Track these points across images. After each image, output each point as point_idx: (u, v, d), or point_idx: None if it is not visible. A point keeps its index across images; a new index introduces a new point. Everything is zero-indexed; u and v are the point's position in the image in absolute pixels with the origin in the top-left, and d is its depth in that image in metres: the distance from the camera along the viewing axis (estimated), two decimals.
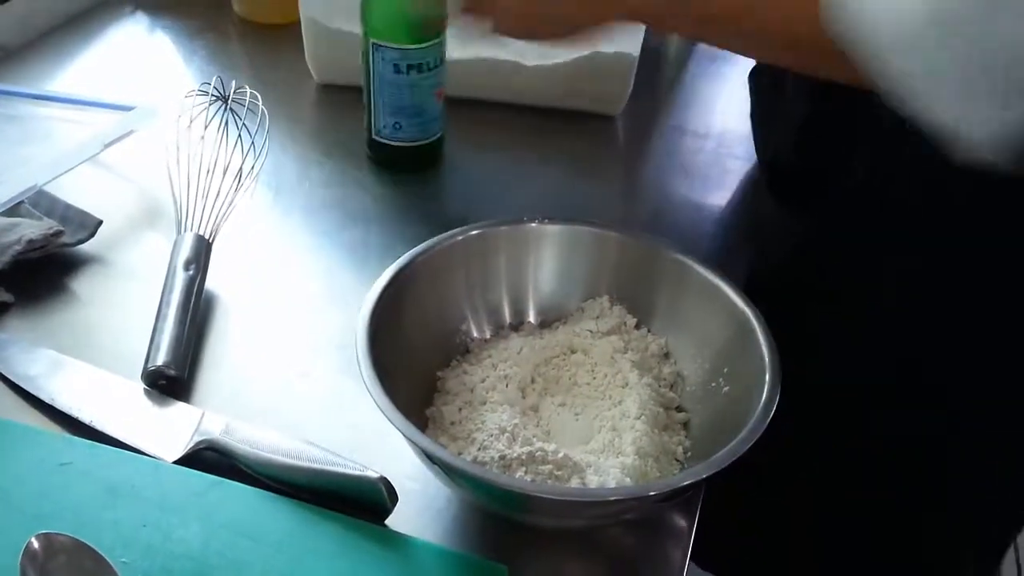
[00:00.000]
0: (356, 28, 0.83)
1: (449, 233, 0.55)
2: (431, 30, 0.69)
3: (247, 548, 0.45)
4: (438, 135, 0.75)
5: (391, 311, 0.51)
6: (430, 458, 0.45)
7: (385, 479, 0.47)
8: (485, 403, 0.52)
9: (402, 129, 0.72)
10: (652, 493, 0.45)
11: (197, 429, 0.51)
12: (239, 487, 0.48)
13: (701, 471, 0.44)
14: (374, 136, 0.74)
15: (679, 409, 0.54)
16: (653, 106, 0.90)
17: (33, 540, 0.41)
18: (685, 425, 0.53)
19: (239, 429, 0.50)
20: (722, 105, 0.93)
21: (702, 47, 0.98)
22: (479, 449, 0.49)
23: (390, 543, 0.46)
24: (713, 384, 0.53)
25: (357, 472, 0.47)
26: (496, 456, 0.48)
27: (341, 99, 0.85)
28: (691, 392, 0.54)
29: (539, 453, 0.48)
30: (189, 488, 0.48)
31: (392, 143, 0.74)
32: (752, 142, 0.78)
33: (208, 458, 0.50)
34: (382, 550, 0.46)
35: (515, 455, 0.48)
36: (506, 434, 0.49)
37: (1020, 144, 0.37)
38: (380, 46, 0.69)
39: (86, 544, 0.42)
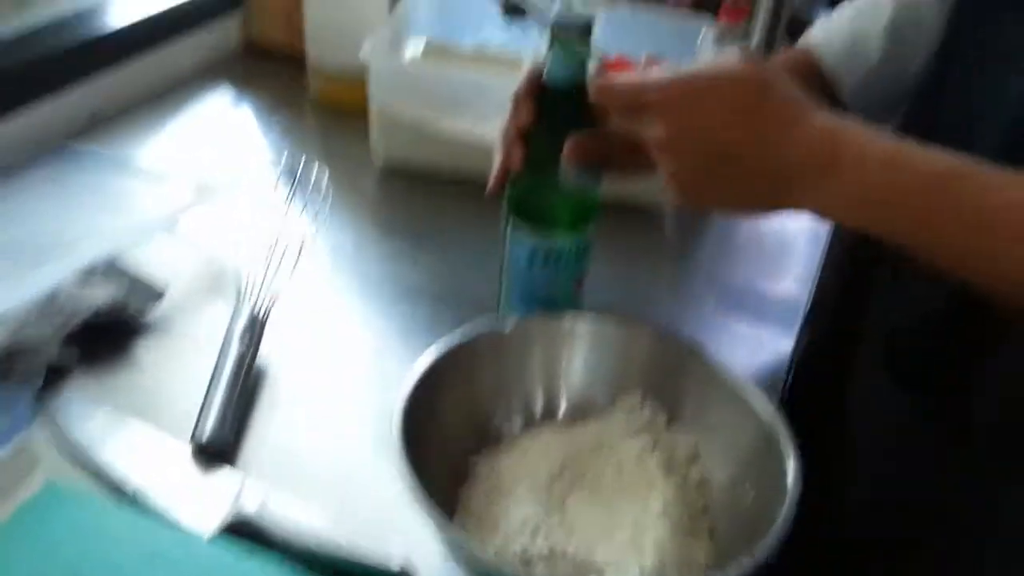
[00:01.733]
0: (421, 115, 0.88)
1: (486, 322, 0.57)
2: (582, 218, 0.60)
3: None
4: None
5: (428, 397, 0.53)
6: (457, 550, 0.46)
7: (406, 571, 0.48)
8: (512, 493, 0.53)
9: None
10: None
11: (235, 502, 0.53)
12: (268, 561, 0.50)
13: None
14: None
15: (704, 511, 0.54)
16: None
17: None
18: (711, 533, 0.54)
19: (274, 503, 0.53)
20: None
21: None
22: (502, 540, 0.50)
23: None
24: (738, 489, 0.53)
25: (381, 562, 0.49)
26: (519, 550, 0.49)
27: (402, 182, 0.89)
28: (716, 498, 0.55)
29: (559, 551, 0.49)
30: (222, 559, 0.50)
31: None
32: None
33: (241, 531, 0.52)
34: None
35: (536, 551, 0.49)
36: (529, 527, 0.50)
37: None
38: (517, 228, 0.60)
39: None
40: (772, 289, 0.81)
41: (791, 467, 0.49)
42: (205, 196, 0.77)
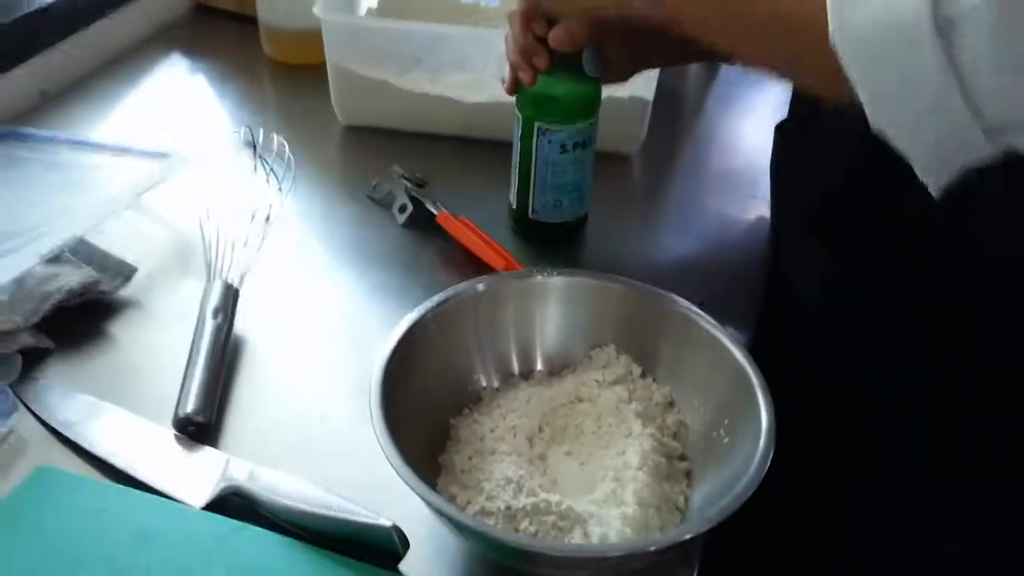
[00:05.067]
0: (379, 74, 0.87)
1: (458, 286, 0.58)
2: (596, 106, 0.71)
3: None
4: (587, 209, 0.76)
5: (405, 362, 0.54)
6: (439, 512, 0.47)
7: (397, 527, 0.50)
8: (494, 452, 0.54)
9: (562, 206, 0.73)
10: (651, 549, 0.47)
11: (223, 475, 0.54)
12: (260, 532, 0.51)
13: (695, 527, 0.46)
14: (530, 216, 0.74)
15: (682, 458, 0.56)
16: (670, 146, 0.92)
17: None
18: (687, 474, 0.55)
19: (262, 475, 0.53)
20: (738, 144, 0.95)
21: (721, 90, 1.01)
22: (486, 499, 0.51)
23: None
24: (714, 434, 0.55)
25: (371, 520, 0.50)
26: (502, 507, 0.50)
27: (366, 141, 0.88)
28: (694, 442, 0.56)
29: (543, 504, 0.50)
30: (214, 532, 0.51)
31: (551, 221, 0.74)
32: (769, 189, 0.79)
33: (232, 502, 0.53)
34: None
35: (520, 506, 0.50)
36: (512, 484, 0.51)
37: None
38: (545, 129, 0.69)
39: None
40: (743, 218, 0.82)
41: (764, 410, 0.51)
42: (168, 170, 0.77)
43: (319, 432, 0.60)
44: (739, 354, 0.54)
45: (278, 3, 0.98)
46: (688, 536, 0.46)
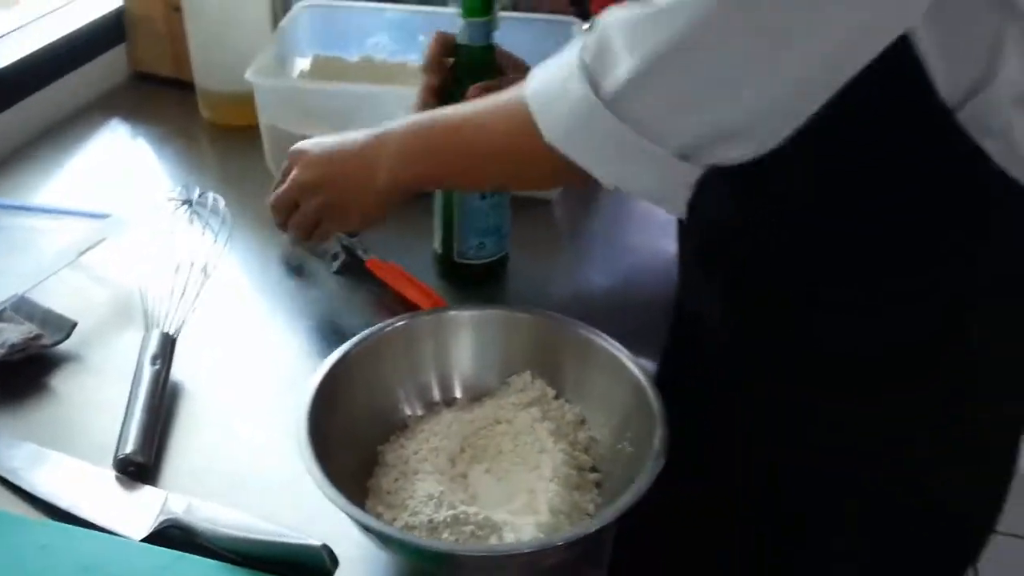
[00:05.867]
0: (310, 132, 0.91)
1: (380, 325, 0.63)
2: None
3: None
4: (507, 250, 0.81)
5: (331, 395, 0.59)
6: (363, 526, 0.51)
7: (327, 546, 0.53)
8: (418, 473, 0.59)
9: (485, 248, 0.78)
10: (559, 543, 0.52)
11: (162, 510, 0.57)
12: (199, 560, 0.55)
13: (597, 523, 0.50)
14: (456, 259, 0.79)
15: (593, 470, 0.61)
16: (589, 189, 0.98)
17: None
18: (598, 485, 0.60)
19: (199, 508, 0.57)
20: None
21: None
22: (410, 515, 0.55)
23: None
24: (619, 446, 0.60)
25: (302, 541, 0.54)
26: (425, 520, 0.55)
27: None
28: (603, 455, 0.61)
29: (462, 516, 0.54)
30: (155, 563, 0.54)
31: (473, 262, 0.79)
32: None
33: (172, 535, 0.56)
34: None
35: (441, 518, 0.54)
36: (433, 500, 0.56)
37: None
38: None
39: None
40: (664, 252, 0.87)
41: (659, 419, 0.56)
42: (107, 229, 0.80)
43: (253, 468, 0.63)
44: (636, 370, 0.59)
45: (213, 68, 1.03)
46: (590, 531, 0.50)
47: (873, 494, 0.64)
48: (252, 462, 0.63)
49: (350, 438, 0.59)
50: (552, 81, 0.57)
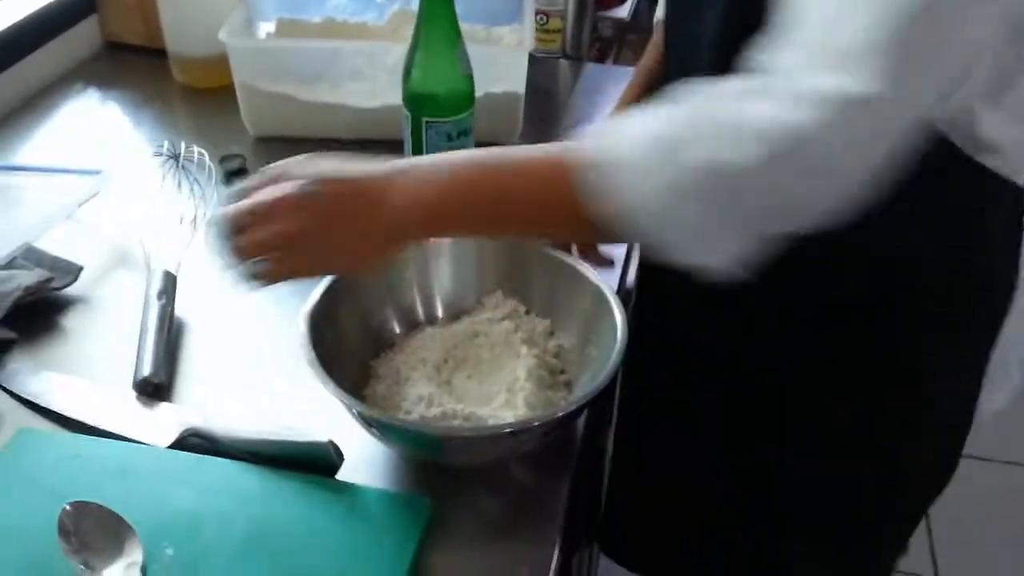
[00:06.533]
0: (283, 89, 0.98)
1: None
2: (469, 101, 0.83)
3: (230, 504, 0.59)
4: None
5: (327, 317, 0.66)
6: (364, 419, 0.59)
7: (333, 442, 0.61)
8: (408, 380, 0.66)
9: None
10: (535, 424, 0.60)
11: (182, 422, 0.64)
12: (221, 461, 0.62)
13: (565, 408, 0.59)
14: None
15: (563, 372, 0.69)
16: (544, 134, 1.05)
17: (67, 506, 0.55)
18: (567, 385, 0.68)
19: (215, 419, 0.64)
20: None
21: (586, 85, 1.15)
22: (404, 414, 0.63)
23: (340, 490, 0.60)
24: (586, 350, 0.68)
25: (311, 439, 0.61)
26: (417, 417, 0.62)
27: (276, 148, 0.99)
28: (572, 360, 0.69)
29: (450, 412, 0.62)
30: (181, 465, 0.61)
31: None
32: None
33: (193, 444, 0.63)
34: (334, 495, 0.60)
35: (431, 415, 0.62)
36: (424, 400, 0.63)
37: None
38: (431, 123, 0.81)
39: (108, 508, 0.56)
40: None
41: (619, 320, 0.64)
42: (99, 183, 0.86)
43: (259, 383, 0.70)
44: (594, 279, 0.67)
45: (184, 34, 1.08)
46: (563, 413, 0.59)
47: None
48: (258, 378, 0.71)
49: (345, 354, 0.66)
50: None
